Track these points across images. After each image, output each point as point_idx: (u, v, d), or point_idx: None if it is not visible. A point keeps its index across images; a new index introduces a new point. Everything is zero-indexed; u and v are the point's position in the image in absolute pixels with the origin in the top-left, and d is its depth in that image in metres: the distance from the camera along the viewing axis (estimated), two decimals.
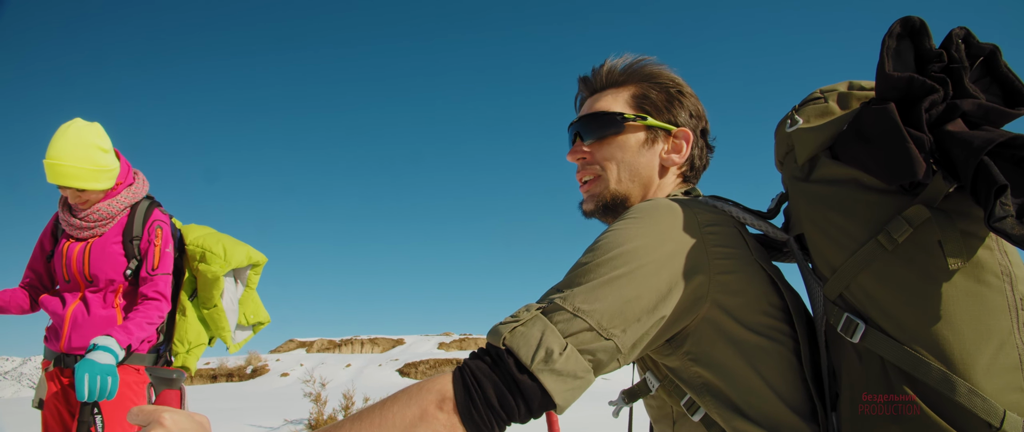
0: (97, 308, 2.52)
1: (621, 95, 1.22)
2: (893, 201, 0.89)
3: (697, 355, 0.97)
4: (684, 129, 1.20)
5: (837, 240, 0.93)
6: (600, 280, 0.89)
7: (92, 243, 2.54)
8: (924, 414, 0.83)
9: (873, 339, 0.88)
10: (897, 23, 0.91)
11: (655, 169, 1.20)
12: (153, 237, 2.62)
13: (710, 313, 0.95)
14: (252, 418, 12.26)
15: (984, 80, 0.92)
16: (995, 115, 0.88)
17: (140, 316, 2.49)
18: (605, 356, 0.87)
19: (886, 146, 0.86)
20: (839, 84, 1.05)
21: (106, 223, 2.55)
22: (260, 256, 3.13)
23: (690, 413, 1.00)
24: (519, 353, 0.83)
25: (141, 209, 2.63)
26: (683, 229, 0.96)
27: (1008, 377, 0.82)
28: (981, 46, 0.91)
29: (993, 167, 0.79)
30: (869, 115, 0.90)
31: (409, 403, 0.81)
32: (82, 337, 2.49)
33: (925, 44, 0.91)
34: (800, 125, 1.02)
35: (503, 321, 0.88)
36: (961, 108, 0.87)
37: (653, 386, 1.06)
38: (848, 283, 0.91)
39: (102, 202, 2.53)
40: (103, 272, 2.52)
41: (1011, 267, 0.86)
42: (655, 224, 0.95)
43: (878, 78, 0.90)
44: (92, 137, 2.42)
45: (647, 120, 1.18)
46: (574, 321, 0.86)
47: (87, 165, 2.39)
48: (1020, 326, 0.84)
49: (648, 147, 1.19)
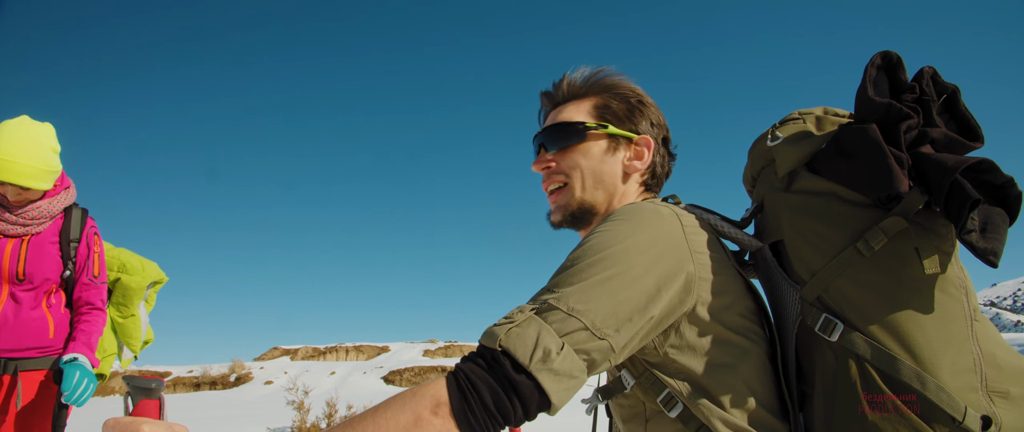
0: (27, 308, 2.46)
1: (583, 106, 1.26)
2: (869, 214, 0.98)
3: (680, 350, 1.00)
4: (645, 137, 1.24)
5: (817, 246, 1.02)
6: (592, 280, 0.91)
7: (28, 240, 2.48)
8: (897, 409, 0.90)
9: (850, 338, 0.96)
10: (878, 55, 1.02)
11: (618, 176, 1.23)
12: (93, 244, 2.62)
13: (696, 311, 0.99)
14: (234, 426, 12.13)
15: (944, 116, 1.03)
16: (957, 146, 0.99)
17: (94, 330, 2.52)
18: (599, 356, 0.88)
19: (868, 161, 0.95)
20: (815, 109, 1.17)
21: (43, 222, 2.51)
22: (164, 274, 3.25)
23: (667, 409, 1.02)
24: (516, 353, 0.83)
25: (77, 214, 2.61)
26: (669, 231, 1.00)
27: (966, 378, 0.91)
28: (945, 85, 1.03)
29: (966, 184, 0.88)
30: (852, 134, 0.99)
31: (403, 409, 0.80)
32: (13, 338, 2.42)
33: (900, 76, 1.02)
34: (781, 140, 1.13)
35: (497, 323, 0.88)
36: (930, 135, 0.98)
37: (628, 384, 1.07)
38: (827, 286, 1.00)
39: (42, 200, 2.49)
40: (39, 271, 2.47)
41: (965, 281, 0.97)
42: (642, 226, 0.99)
43: (860, 100, 1.01)
44: (45, 137, 2.41)
45: (608, 128, 1.22)
46: (569, 321, 0.87)
47: (39, 164, 2.37)
48: (974, 334, 0.94)
49: (611, 154, 1.23)
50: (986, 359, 0.93)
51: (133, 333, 3.03)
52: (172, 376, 31.48)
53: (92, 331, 2.54)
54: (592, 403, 1.17)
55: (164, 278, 3.26)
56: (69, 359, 2.41)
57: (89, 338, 2.51)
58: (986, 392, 0.92)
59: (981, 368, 0.92)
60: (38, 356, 2.47)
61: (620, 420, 1.15)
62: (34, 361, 2.45)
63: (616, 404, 1.16)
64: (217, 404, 20.81)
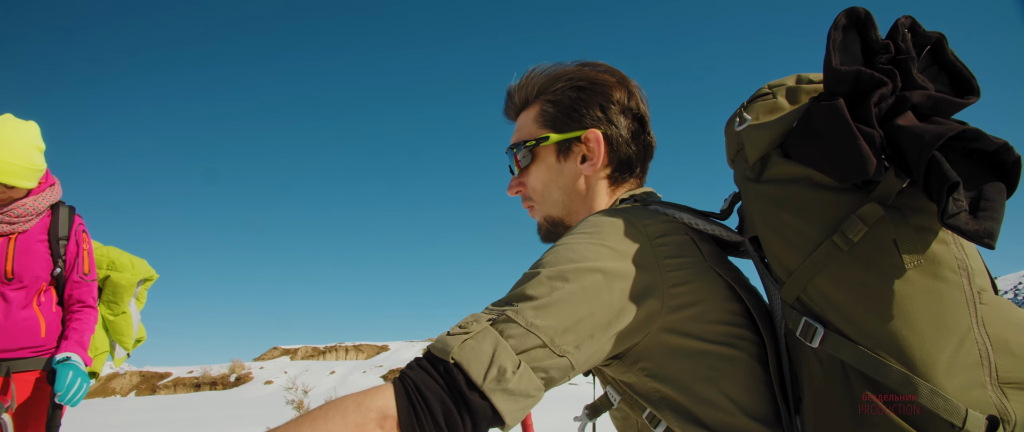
0: (18, 308, 2.43)
1: (529, 118, 1.21)
2: (847, 199, 0.86)
3: (652, 370, 0.95)
4: (592, 131, 1.15)
5: (791, 242, 0.90)
6: (553, 295, 0.86)
7: (16, 239, 2.45)
8: (886, 417, 0.81)
9: (832, 343, 0.86)
10: (842, 14, 0.89)
11: (576, 182, 1.17)
12: (82, 242, 2.60)
13: (664, 327, 0.93)
14: (235, 426, 12.14)
15: (932, 69, 0.91)
16: (945, 105, 0.86)
17: (86, 328, 2.50)
18: (558, 373, 0.84)
19: (836, 143, 0.83)
20: (787, 78, 1.02)
21: (29, 220, 2.47)
22: (154, 271, 3.24)
23: (652, 426, 0.98)
24: (470, 370, 0.78)
25: (64, 211, 2.58)
26: (633, 242, 0.94)
27: (969, 374, 0.80)
28: (927, 35, 0.90)
29: (944, 163, 0.77)
30: (818, 111, 0.87)
31: (345, 421, 0.74)
32: (4, 339, 2.39)
33: (871, 35, 0.89)
34: (749, 123, 0.99)
35: (450, 332, 0.83)
36: (911, 100, 0.85)
37: (615, 400, 1.05)
38: (805, 286, 0.89)
39: (28, 198, 2.46)
40: (29, 269, 2.44)
41: (967, 260, 0.84)
42: (604, 238, 0.93)
43: (825, 72, 0.88)
44: (29, 135, 2.39)
45: (549, 139, 1.16)
46: (527, 337, 0.82)
47: (24, 163, 2.35)
48: (979, 321, 0.82)
49: (562, 163, 1.17)
50: (996, 347, 0.81)
51: (125, 331, 3.02)
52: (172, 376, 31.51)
53: (84, 329, 2.52)
54: (582, 421, 1.14)
55: (154, 275, 3.25)
56: (62, 358, 2.40)
57: (81, 336, 2.49)
58: (997, 385, 0.80)
59: (990, 359, 0.80)
60: (31, 356, 2.45)
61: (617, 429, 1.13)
62: (27, 361, 2.44)
63: (612, 416, 1.13)
64: (217, 404, 20.84)
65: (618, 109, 1.17)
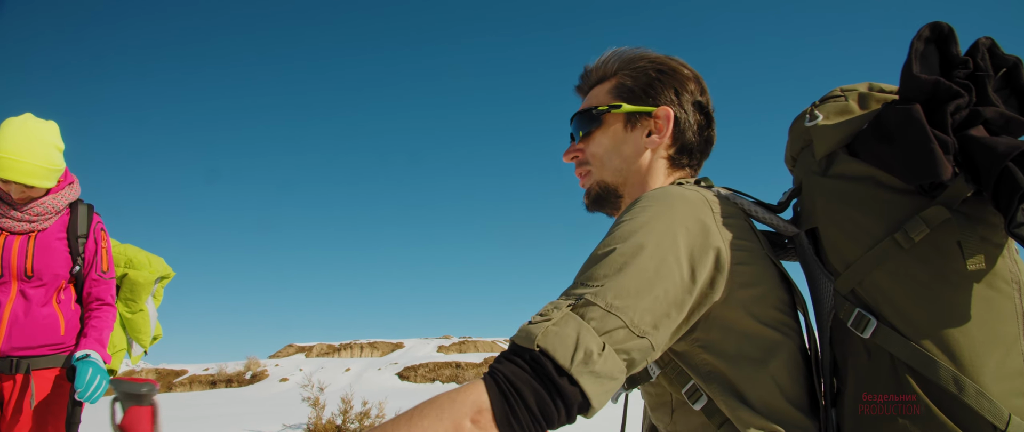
0: (37, 305, 2.44)
1: (603, 89, 1.24)
2: (910, 201, 0.90)
3: (707, 342, 0.96)
4: (664, 108, 1.17)
5: (853, 235, 0.94)
6: (627, 272, 0.85)
7: (35, 237, 2.46)
8: (928, 413, 0.84)
9: (884, 335, 0.89)
10: (926, 27, 0.93)
11: (638, 154, 1.19)
12: (100, 240, 2.62)
13: (726, 303, 0.94)
14: (251, 423, 12.22)
15: (1004, 91, 0.94)
16: (1015, 125, 0.89)
17: (105, 326, 2.52)
18: (639, 355, 0.83)
19: (911, 145, 0.87)
20: (859, 84, 1.07)
21: (49, 218, 2.49)
22: (171, 269, 3.27)
23: (692, 402, 0.98)
24: (556, 355, 0.77)
25: (83, 209, 2.61)
26: (699, 217, 0.94)
27: (1013, 382, 0.84)
28: (1005, 57, 0.93)
29: (1017, 173, 0.80)
30: (894, 114, 0.91)
31: (441, 417, 0.74)
32: (24, 336, 2.40)
33: (952, 50, 0.93)
34: (820, 121, 1.04)
35: (532, 320, 0.83)
36: (983, 115, 0.89)
37: (654, 373, 1.05)
38: (862, 279, 0.92)
39: (47, 196, 2.48)
40: (48, 267, 2.45)
41: (1020, 275, 0.88)
42: (671, 212, 0.93)
43: (904, 78, 0.92)
44: (49, 136, 2.42)
45: (621, 108, 1.18)
46: (608, 318, 0.81)
47: (44, 163, 2.37)
48: None
49: (629, 133, 1.19)
50: None
51: (142, 328, 3.05)
52: (188, 374, 31.87)
53: (103, 327, 2.54)
54: (618, 391, 1.13)
55: (171, 273, 3.28)
56: (81, 356, 2.40)
57: (100, 334, 2.51)
58: None
59: None
60: (50, 354, 2.46)
61: (648, 407, 1.15)
62: (46, 359, 2.45)
63: (644, 391, 1.14)
64: (233, 401, 21.02)
65: (690, 99, 1.20)
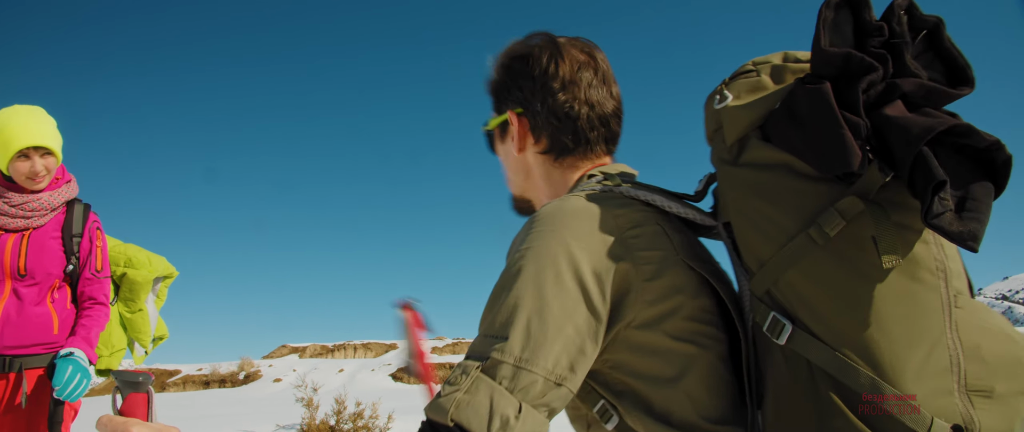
0: (31, 304, 2.41)
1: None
2: (827, 190, 0.82)
3: (616, 363, 0.90)
4: (509, 112, 1.12)
5: (765, 231, 0.86)
6: (531, 318, 0.81)
7: (29, 235, 2.43)
8: (849, 421, 0.78)
9: (800, 341, 0.82)
10: None
11: (522, 162, 1.15)
12: (95, 238, 2.60)
13: (635, 323, 0.88)
14: (245, 424, 12.20)
15: (927, 55, 0.85)
16: (937, 96, 0.81)
17: (95, 325, 2.50)
18: (559, 403, 0.81)
19: (819, 131, 0.78)
20: (773, 55, 0.95)
21: (44, 215, 2.46)
22: (173, 268, 3.23)
23: (603, 420, 0.92)
24: (471, 427, 0.74)
25: (79, 208, 2.59)
26: (604, 235, 0.88)
27: (938, 381, 0.77)
28: (924, 18, 0.85)
29: (932, 160, 0.73)
30: (802, 95, 0.82)
31: None
32: (16, 335, 2.37)
33: (865, 16, 0.83)
34: (729, 102, 0.92)
35: (442, 391, 0.79)
36: (901, 89, 0.80)
37: None
38: (776, 279, 0.84)
39: (44, 193, 2.46)
40: (41, 266, 2.42)
41: (946, 261, 0.80)
42: (572, 233, 0.87)
43: (813, 53, 0.83)
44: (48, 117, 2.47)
45: (489, 123, 1.16)
46: (520, 375, 0.77)
47: (52, 128, 2.44)
48: (952, 325, 0.79)
49: (505, 145, 1.17)
50: (967, 353, 0.78)
51: (142, 328, 3.02)
52: (181, 374, 31.73)
53: (92, 326, 2.51)
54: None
55: (174, 272, 3.23)
56: (64, 354, 2.38)
57: (88, 333, 2.48)
58: (964, 393, 0.77)
59: (960, 365, 0.78)
60: (43, 353, 2.45)
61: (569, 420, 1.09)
62: (39, 358, 2.43)
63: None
64: (227, 402, 20.95)
65: (539, 83, 1.08)
